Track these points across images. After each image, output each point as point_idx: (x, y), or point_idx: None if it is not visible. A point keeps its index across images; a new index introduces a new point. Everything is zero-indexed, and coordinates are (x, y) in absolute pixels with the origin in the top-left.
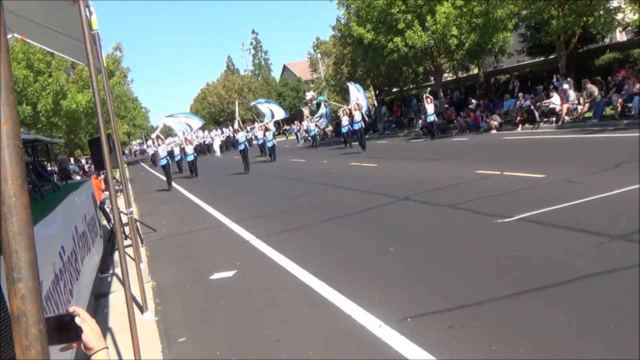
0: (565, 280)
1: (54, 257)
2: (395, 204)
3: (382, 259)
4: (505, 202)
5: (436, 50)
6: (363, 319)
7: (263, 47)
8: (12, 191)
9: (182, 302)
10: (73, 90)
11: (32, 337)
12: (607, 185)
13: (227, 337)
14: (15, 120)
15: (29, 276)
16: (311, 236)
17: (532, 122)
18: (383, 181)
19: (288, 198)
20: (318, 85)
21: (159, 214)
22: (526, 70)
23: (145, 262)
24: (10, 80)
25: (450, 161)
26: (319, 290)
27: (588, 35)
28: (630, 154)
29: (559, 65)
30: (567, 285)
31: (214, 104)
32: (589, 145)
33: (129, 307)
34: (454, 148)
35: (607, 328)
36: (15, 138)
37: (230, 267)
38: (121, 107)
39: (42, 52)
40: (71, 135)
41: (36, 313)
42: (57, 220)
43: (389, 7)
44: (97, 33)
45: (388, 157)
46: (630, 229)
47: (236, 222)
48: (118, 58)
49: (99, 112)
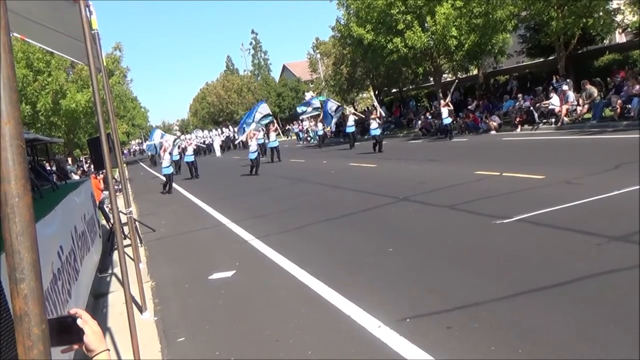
0: (565, 281)
1: (53, 257)
2: (394, 204)
3: (382, 260)
4: (504, 203)
5: (436, 51)
6: (362, 319)
7: (262, 47)
8: (15, 191)
9: (181, 302)
10: (72, 90)
11: (35, 338)
12: (606, 187)
13: (227, 337)
14: (18, 120)
15: (32, 276)
16: (310, 236)
17: (532, 123)
18: (382, 181)
19: (287, 198)
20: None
21: (158, 214)
22: (526, 71)
23: (144, 262)
24: (13, 79)
25: (450, 162)
26: (318, 290)
27: (587, 37)
28: (630, 155)
29: (559, 66)
30: (566, 286)
31: (213, 103)
32: (588, 147)
33: (128, 307)
34: (453, 149)
35: (606, 329)
36: (18, 138)
37: (229, 267)
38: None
39: (41, 52)
40: (70, 135)
41: (38, 313)
42: (56, 220)
43: (388, 7)
44: (97, 32)
45: (387, 157)
46: (629, 230)
47: (235, 222)
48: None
49: (99, 112)
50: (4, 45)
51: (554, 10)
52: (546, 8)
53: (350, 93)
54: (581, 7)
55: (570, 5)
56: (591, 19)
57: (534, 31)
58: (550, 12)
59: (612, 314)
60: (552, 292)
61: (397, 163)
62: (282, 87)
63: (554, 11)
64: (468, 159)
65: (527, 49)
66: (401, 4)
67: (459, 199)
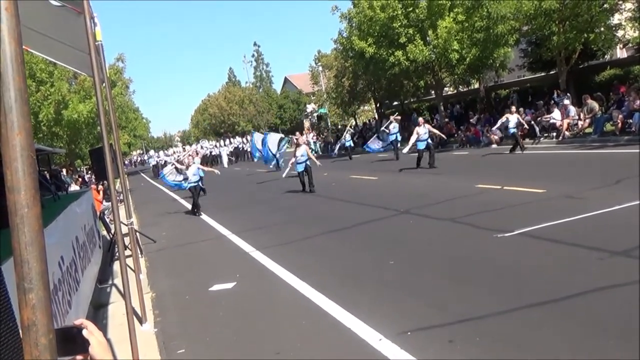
0: (565, 295)
1: (53, 267)
2: (395, 217)
3: (383, 272)
4: (505, 217)
5: (437, 65)
6: (363, 332)
7: (265, 59)
8: (24, 201)
9: (182, 313)
10: (75, 100)
11: (42, 347)
12: (607, 201)
13: (227, 349)
14: (29, 131)
15: (40, 286)
16: (311, 248)
17: (533, 137)
18: (383, 194)
19: (288, 210)
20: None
21: (159, 225)
22: (527, 86)
23: (144, 273)
24: (25, 91)
25: (451, 175)
26: (319, 302)
27: (589, 52)
28: (631, 170)
29: (560, 80)
30: (567, 301)
31: (214, 115)
32: (590, 161)
33: (128, 318)
34: (454, 162)
35: (606, 344)
36: (28, 149)
37: (229, 279)
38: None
39: (44, 62)
40: (72, 145)
41: (46, 323)
42: (57, 230)
43: (390, 21)
44: (101, 44)
45: (388, 170)
46: (630, 245)
47: (236, 234)
48: (120, 69)
49: (102, 123)
50: (16, 57)
51: (556, 25)
52: (547, 23)
53: (352, 105)
54: (582, 22)
55: (571, 21)
56: (592, 34)
57: (535, 46)
58: (552, 27)
59: (612, 329)
60: (553, 307)
61: (399, 176)
62: (284, 99)
63: (556, 26)
64: (469, 172)
65: (528, 64)
66: (403, 18)
67: (460, 212)
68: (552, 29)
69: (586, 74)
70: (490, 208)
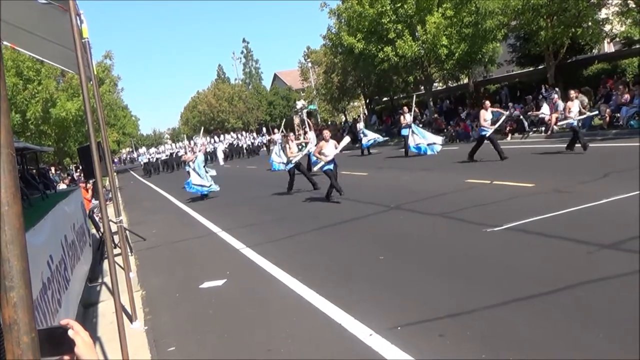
0: (555, 289)
1: (42, 267)
2: (385, 212)
3: (373, 268)
4: (494, 211)
5: (426, 60)
6: (353, 327)
7: (254, 55)
8: (4, 199)
9: (172, 311)
10: (62, 98)
11: (24, 346)
12: (595, 195)
13: (217, 346)
14: (8, 129)
15: (21, 284)
16: (301, 245)
17: (522, 132)
18: (373, 190)
19: (279, 206)
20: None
21: (149, 223)
22: (515, 80)
23: (134, 271)
24: (4, 88)
25: (441, 170)
26: (309, 299)
27: (576, 46)
28: (618, 164)
29: (548, 75)
30: (556, 294)
31: (204, 112)
32: (578, 155)
33: (118, 316)
34: (444, 157)
35: (596, 337)
36: (8, 147)
37: (220, 276)
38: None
39: (31, 60)
40: (60, 144)
41: (28, 322)
42: (45, 229)
43: (379, 17)
44: (88, 41)
45: (378, 166)
46: (618, 238)
47: (226, 231)
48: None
49: (89, 120)
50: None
51: (543, 20)
52: (535, 18)
53: (342, 101)
54: (570, 17)
55: (559, 15)
56: (580, 29)
57: (523, 40)
58: (540, 22)
59: (602, 322)
60: (542, 300)
61: (388, 171)
62: (274, 95)
63: (543, 21)
64: (459, 168)
65: (516, 58)
66: (392, 13)
67: (449, 207)
68: (540, 24)
69: (574, 68)
70: (479, 203)
